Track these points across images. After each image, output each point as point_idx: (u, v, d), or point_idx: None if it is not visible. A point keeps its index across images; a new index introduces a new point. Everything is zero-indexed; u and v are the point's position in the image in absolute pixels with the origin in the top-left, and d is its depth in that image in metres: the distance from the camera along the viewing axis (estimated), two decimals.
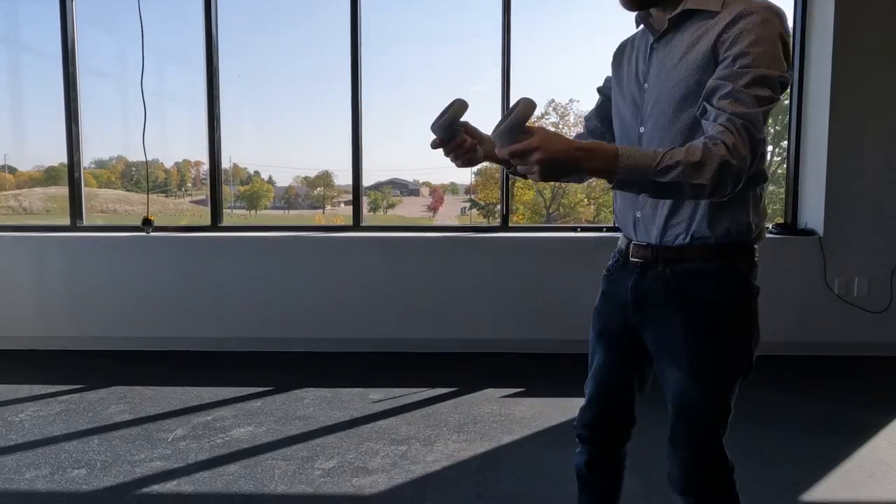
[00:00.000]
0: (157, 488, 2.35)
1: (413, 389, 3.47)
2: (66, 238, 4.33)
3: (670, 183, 1.12)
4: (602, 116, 1.58)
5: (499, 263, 4.20)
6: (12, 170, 5.63)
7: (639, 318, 1.39)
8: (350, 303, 4.22)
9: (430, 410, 3.17)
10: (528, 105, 1.11)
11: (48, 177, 5.75)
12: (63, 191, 4.85)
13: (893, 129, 4.05)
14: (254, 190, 7.57)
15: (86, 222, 4.53)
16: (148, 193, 4.48)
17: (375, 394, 3.40)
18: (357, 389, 3.46)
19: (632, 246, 1.40)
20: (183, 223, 4.76)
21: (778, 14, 1.20)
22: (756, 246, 1.33)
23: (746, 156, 1.13)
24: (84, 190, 4.59)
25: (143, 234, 4.31)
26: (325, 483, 2.39)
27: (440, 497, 2.32)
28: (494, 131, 1.16)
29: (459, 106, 1.36)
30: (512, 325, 4.19)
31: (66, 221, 4.52)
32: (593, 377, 1.53)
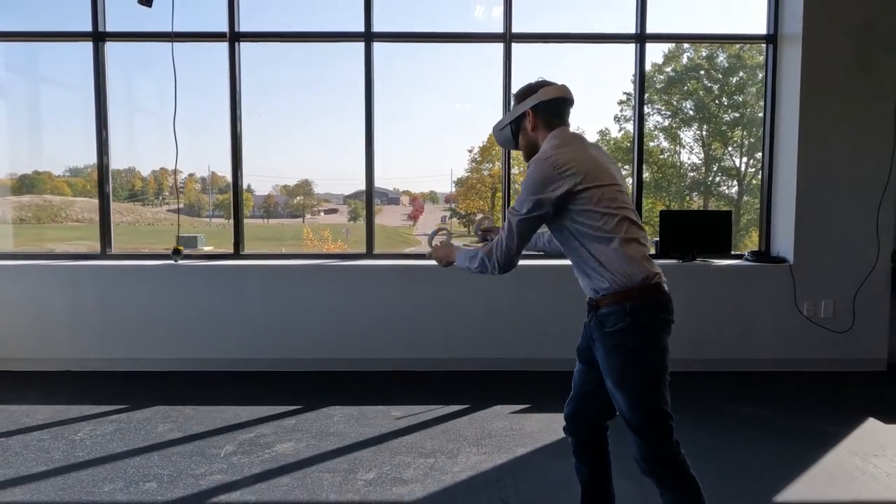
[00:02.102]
0: (223, 498, 2.70)
1: (430, 406, 3.85)
2: (97, 266, 4.64)
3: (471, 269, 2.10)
4: None
5: (503, 289, 4.59)
6: None
7: (593, 349, 2.04)
8: (366, 325, 4.59)
9: (448, 426, 3.55)
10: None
11: (21, 185, 5.82)
12: (37, 200, 5.07)
13: (854, 168, 4.54)
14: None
15: (114, 249, 4.87)
16: (178, 225, 4.80)
17: (397, 411, 3.77)
18: (380, 407, 3.83)
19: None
20: (161, 231, 5.02)
21: (539, 162, 1.94)
22: (649, 286, 1.91)
23: (497, 255, 2.00)
24: (60, 199, 4.87)
25: (172, 262, 4.65)
26: (370, 492, 2.76)
27: (469, 502, 2.70)
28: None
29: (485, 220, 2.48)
30: (515, 345, 4.59)
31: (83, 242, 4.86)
32: (573, 381, 2.23)
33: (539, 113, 2.09)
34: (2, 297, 4.54)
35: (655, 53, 5.65)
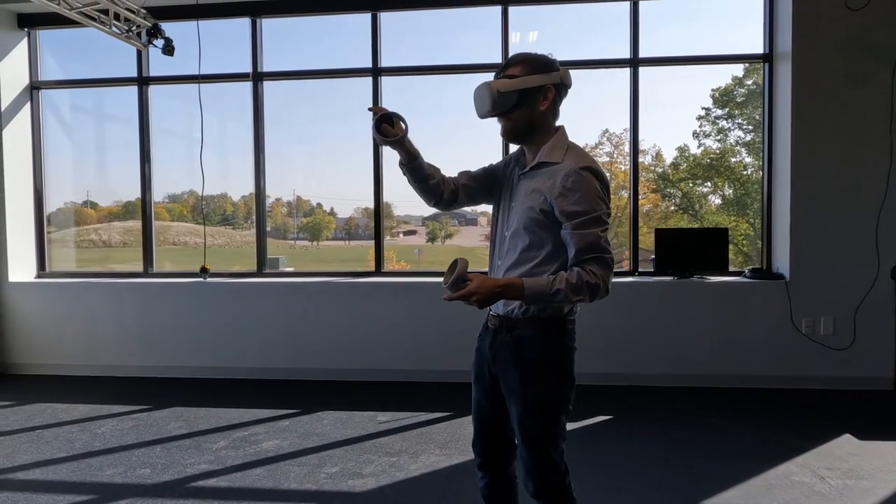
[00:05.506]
0: (201, 483, 3.10)
1: (415, 413, 4.13)
2: (138, 283, 5.24)
3: (559, 299, 1.71)
4: (479, 179, 2.04)
5: None
6: (93, 205, 6.41)
7: (495, 368, 1.91)
8: (371, 337, 4.94)
9: (424, 430, 3.82)
10: (465, 263, 1.69)
11: (126, 211, 6.50)
12: (138, 224, 5.68)
13: (851, 183, 4.51)
14: (316, 221, 7.97)
15: (156, 267, 5.46)
16: (205, 247, 5.34)
17: (383, 416, 4.08)
18: (368, 412, 4.15)
19: (489, 315, 1.97)
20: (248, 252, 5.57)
21: (595, 171, 1.75)
22: (571, 319, 1.86)
23: (603, 274, 1.71)
24: (155, 226, 5.49)
25: (201, 279, 5.17)
26: (327, 483, 3.08)
27: (412, 495, 2.96)
28: (445, 283, 1.70)
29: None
30: None
31: (140, 265, 5.48)
32: (476, 416, 2.02)
33: (558, 96, 1.84)
34: (56, 311, 5.21)
35: (735, 67, 5.67)
